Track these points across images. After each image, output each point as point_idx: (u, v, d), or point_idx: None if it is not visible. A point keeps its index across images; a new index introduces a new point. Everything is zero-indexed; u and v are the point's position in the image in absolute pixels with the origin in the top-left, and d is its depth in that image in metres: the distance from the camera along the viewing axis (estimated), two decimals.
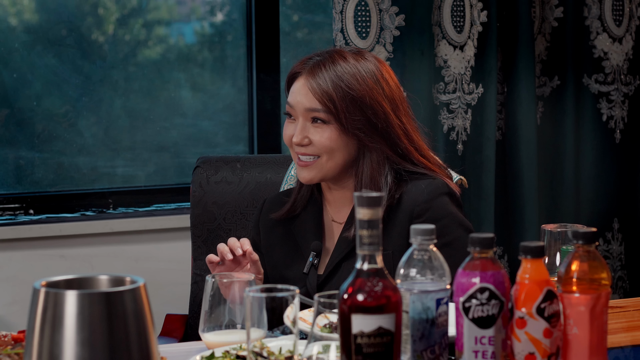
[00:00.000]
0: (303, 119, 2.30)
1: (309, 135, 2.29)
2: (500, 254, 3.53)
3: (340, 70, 2.27)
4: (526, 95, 3.45)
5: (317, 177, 2.31)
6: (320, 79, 2.27)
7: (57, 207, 3.51)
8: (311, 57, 2.33)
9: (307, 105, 2.28)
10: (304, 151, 2.30)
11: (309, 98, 2.28)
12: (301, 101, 2.29)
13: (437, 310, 1.56)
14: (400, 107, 2.31)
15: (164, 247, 3.51)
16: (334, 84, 2.26)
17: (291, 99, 2.31)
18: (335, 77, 2.27)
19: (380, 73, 2.30)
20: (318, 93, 2.27)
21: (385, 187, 2.28)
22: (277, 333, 1.98)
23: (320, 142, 2.28)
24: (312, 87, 2.27)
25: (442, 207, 2.28)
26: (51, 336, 1.34)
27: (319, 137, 2.28)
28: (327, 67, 2.28)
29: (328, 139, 2.28)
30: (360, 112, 2.26)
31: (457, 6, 3.34)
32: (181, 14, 3.70)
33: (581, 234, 1.63)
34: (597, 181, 3.64)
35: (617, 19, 3.59)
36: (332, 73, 2.27)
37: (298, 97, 2.30)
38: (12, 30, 3.46)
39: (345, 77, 2.27)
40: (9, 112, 3.47)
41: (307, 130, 2.30)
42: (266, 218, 2.46)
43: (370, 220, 1.47)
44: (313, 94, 2.27)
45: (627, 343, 2.00)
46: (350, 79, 2.26)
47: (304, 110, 2.29)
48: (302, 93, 2.29)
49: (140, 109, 3.61)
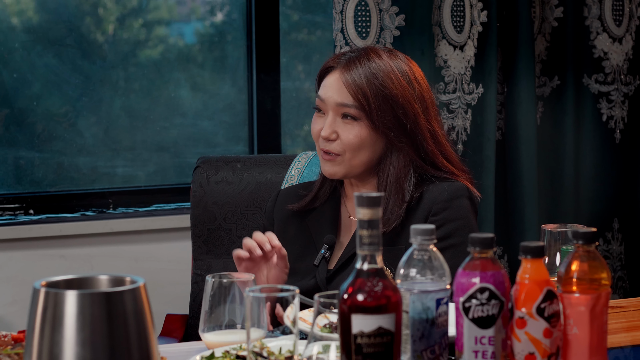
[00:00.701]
0: (333, 113, 2.29)
1: (337, 130, 2.29)
2: (500, 254, 3.53)
3: (375, 67, 2.27)
4: (526, 95, 3.45)
5: (340, 173, 2.31)
6: (355, 74, 2.26)
7: (57, 207, 3.51)
8: (345, 53, 2.33)
9: (339, 100, 2.28)
10: (329, 148, 2.30)
11: (342, 93, 2.27)
12: (333, 95, 2.28)
13: (437, 310, 1.56)
14: (430, 109, 2.32)
15: (164, 247, 3.50)
16: (368, 80, 2.26)
17: (323, 92, 2.31)
18: (369, 74, 2.26)
19: (412, 74, 2.30)
20: (352, 88, 2.26)
21: (408, 188, 2.28)
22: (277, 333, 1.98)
23: (348, 138, 2.27)
24: (347, 81, 2.27)
25: (461, 208, 2.29)
26: (51, 336, 1.34)
27: (347, 133, 2.28)
28: (362, 63, 2.27)
29: (356, 137, 2.27)
30: (391, 111, 2.26)
31: (457, 6, 3.34)
32: (181, 14, 3.70)
33: (581, 234, 1.63)
34: (597, 181, 3.64)
35: (617, 19, 3.59)
36: (367, 69, 2.27)
37: (330, 91, 2.29)
38: (12, 30, 3.46)
39: (380, 74, 2.26)
40: (9, 112, 3.47)
41: (336, 125, 2.29)
42: (281, 209, 2.46)
43: (370, 220, 1.47)
44: (347, 89, 2.26)
45: (627, 343, 2.00)
46: (384, 77, 2.26)
47: (335, 104, 2.28)
48: (335, 87, 2.28)
49: (140, 109, 3.61)
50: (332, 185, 2.42)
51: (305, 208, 2.41)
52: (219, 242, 2.85)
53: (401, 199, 2.28)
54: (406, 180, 2.29)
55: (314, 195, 2.41)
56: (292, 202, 2.44)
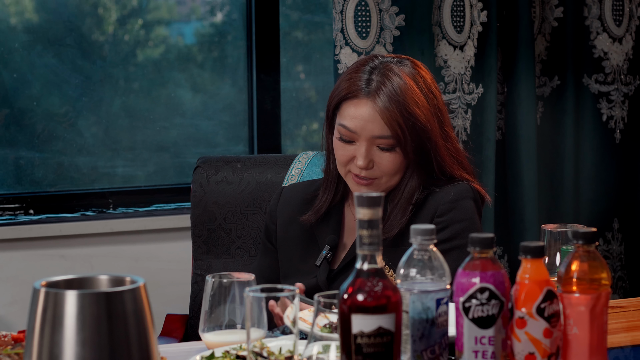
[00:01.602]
0: (368, 143, 2.27)
1: (374, 159, 2.28)
2: (500, 254, 3.53)
3: (400, 92, 2.25)
4: (526, 95, 3.45)
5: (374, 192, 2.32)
6: (386, 105, 2.24)
7: (57, 207, 3.51)
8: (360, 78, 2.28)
9: (377, 133, 2.26)
10: (365, 174, 2.29)
11: (378, 125, 2.25)
12: (369, 128, 2.25)
13: (437, 310, 1.56)
14: (444, 117, 2.33)
15: (164, 247, 3.50)
16: (400, 110, 2.24)
17: (353, 124, 2.27)
18: (397, 104, 2.24)
19: (426, 85, 2.30)
20: (388, 120, 2.24)
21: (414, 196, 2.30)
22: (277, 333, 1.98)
23: (386, 167, 2.28)
24: (382, 113, 2.24)
25: (466, 210, 2.29)
26: (51, 336, 1.34)
27: (385, 162, 2.28)
28: (387, 90, 2.25)
29: (393, 164, 2.28)
30: (418, 138, 2.27)
31: (457, 6, 3.34)
32: (181, 14, 3.70)
33: (581, 234, 1.63)
34: (597, 181, 3.64)
35: (617, 19, 3.59)
36: (394, 98, 2.24)
37: (364, 123, 2.26)
38: (12, 30, 3.46)
39: (406, 100, 2.25)
40: (9, 112, 3.47)
41: (372, 155, 2.28)
42: (284, 208, 2.46)
43: (370, 220, 1.47)
44: (384, 121, 2.24)
45: (627, 343, 2.00)
46: (412, 105, 2.25)
47: (371, 136, 2.26)
48: (369, 119, 2.25)
49: (140, 108, 3.61)
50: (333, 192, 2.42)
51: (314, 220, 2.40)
52: (219, 242, 2.85)
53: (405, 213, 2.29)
54: (415, 196, 2.30)
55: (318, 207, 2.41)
56: (296, 203, 2.44)
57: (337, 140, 2.31)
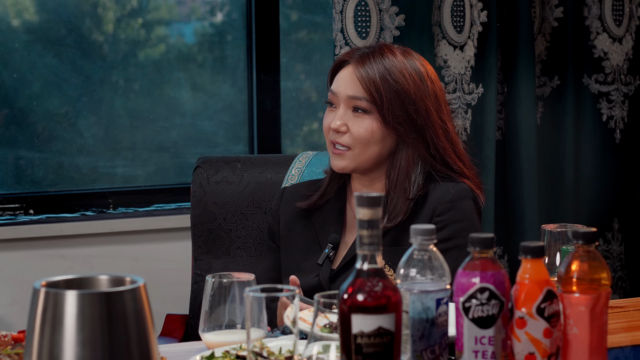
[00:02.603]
0: (345, 106, 2.31)
1: (348, 123, 2.31)
2: (500, 254, 3.53)
3: (388, 63, 2.30)
4: (526, 95, 3.45)
5: (350, 167, 2.32)
6: (368, 68, 2.29)
7: (57, 207, 3.51)
8: (359, 48, 2.36)
9: (351, 93, 2.30)
10: (339, 140, 2.31)
11: (354, 85, 2.29)
12: (346, 89, 2.30)
13: (437, 310, 1.56)
14: (442, 106, 2.34)
15: (164, 247, 3.50)
16: (381, 74, 2.28)
17: (335, 86, 2.33)
18: (383, 69, 2.29)
19: (426, 72, 2.33)
20: (365, 81, 2.28)
21: (415, 185, 2.29)
22: (277, 333, 1.98)
23: (358, 132, 2.29)
24: (360, 75, 2.29)
25: (465, 210, 2.29)
26: (51, 336, 1.34)
27: (357, 126, 2.29)
28: (376, 58, 2.30)
29: (366, 130, 2.29)
30: (402, 106, 2.28)
31: (457, 6, 3.34)
32: (181, 14, 3.70)
33: (581, 234, 1.63)
34: (597, 181, 3.64)
35: (617, 19, 3.59)
36: (380, 65, 2.29)
37: (343, 84, 2.31)
38: (12, 30, 3.46)
39: (393, 70, 2.29)
40: (9, 112, 3.47)
41: (347, 118, 2.31)
42: (286, 208, 2.46)
43: (370, 220, 1.47)
44: (360, 82, 2.29)
45: (627, 343, 2.00)
46: (397, 73, 2.29)
47: (347, 97, 2.30)
48: (348, 80, 2.31)
49: (140, 109, 3.61)
50: (340, 182, 2.42)
51: (314, 206, 2.42)
52: (219, 242, 2.85)
53: (407, 195, 2.28)
54: (412, 175, 2.29)
55: (323, 192, 2.42)
56: (297, 201, 2.44)
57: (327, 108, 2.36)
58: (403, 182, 2.29)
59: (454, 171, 2.33)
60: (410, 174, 2.30)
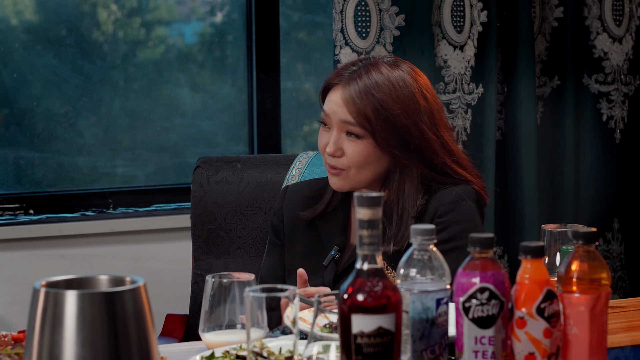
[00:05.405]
0: (338, 129, 2.29)
1: (342, 146, 2.29)
2: (500, 254, 3.53)
3: (374, 85, 2.25)
4: (526, 95, 3.45)
5: (347, 187, 2.32)
6: (355, 94, 2.25)
7: (57, 207, 3.51)
8: (347, 67, 2.32)
9: (343, 117, 2.27)
10: (334, 163, 2.30)
11: (344, 111, 2.27)
12: (337, 112, 2.28)
13: (437, 310, 1.56)
14: (437, 119, 2.30)
15: (164, 247, 3.50)
16: (369, 100, 2.24)
17: (327, 107, 2.30)
18: (370, 95, 2.25)
19: (416, 86, 2.28)
20: (353, 110, 2.25)
21: (415, 204, 2.28)
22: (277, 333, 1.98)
23: (352, 156, 2.28)
24: (348, 101, 2.26)
25: (467, 211, 2.28)
26: (51, 336, 1.34)
27: (351, 150, 2.27)
28: (362, 81, 2.26)
29: (360, 154, 2.27)
30: (394, 132, 2.25)
31: (457, 6, 3.34)
32: (181, 14, 3.70)
33: (581, 234, 1.63)
34: (597, 181, 3.64)
35: (617, 19, 3.59)
36: (368, 90, 2.25)
37: (334, 107, 2.28)
38: (12, 30, 3.46)
39: (381, 95, 2.25)
40: (9, 112, 3.47)
41: (341, 142, 2.29)
42: (289, 207, 2.46)
43: (370, 220, 1.47)
44: (348, 109, 2.26)
45: (627, 343, 2.00)
46: (385, 98, 2.25)
47: (339, 121, 2.28)
48: (338, 104, 2.28)
49: (140, 109, 3.61)
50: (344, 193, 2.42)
51: (318, 215, 2.41)
52: (219, 242, 2.85)
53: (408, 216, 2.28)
54: (410, 193, 2.29)
55: (327, 202, 2.41)
56: (300, 201, 2.44)
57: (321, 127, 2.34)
58: (402, 205, 2.29)
59: (456, 179, 2.32)
60: (409, 196, 2.29)
